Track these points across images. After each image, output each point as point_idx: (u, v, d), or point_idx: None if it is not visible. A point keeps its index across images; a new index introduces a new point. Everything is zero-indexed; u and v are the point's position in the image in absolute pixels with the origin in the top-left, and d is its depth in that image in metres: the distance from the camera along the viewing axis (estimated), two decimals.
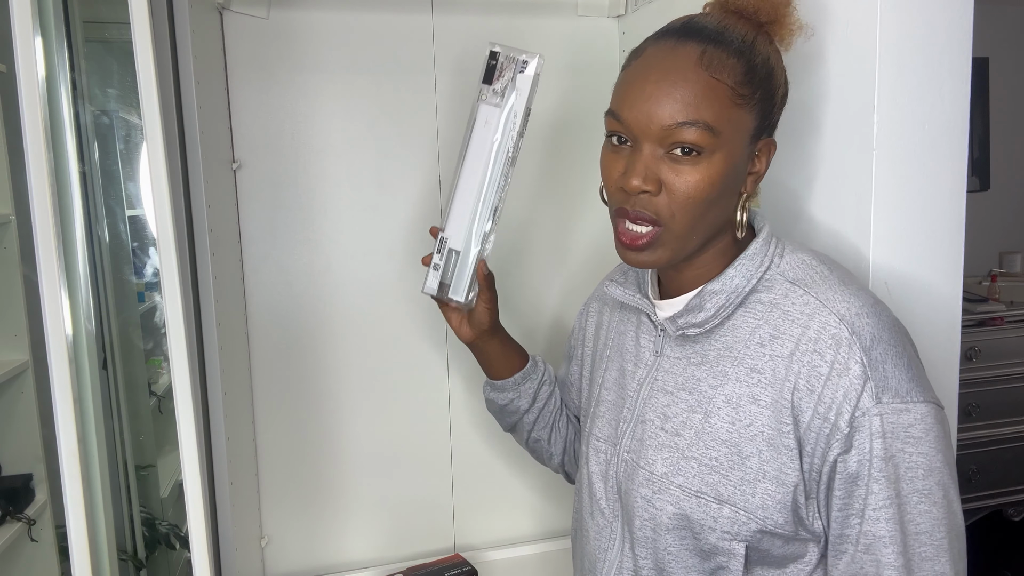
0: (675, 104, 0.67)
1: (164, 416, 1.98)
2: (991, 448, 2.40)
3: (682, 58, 0.68)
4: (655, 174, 0.70)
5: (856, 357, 0.66)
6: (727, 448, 0.71)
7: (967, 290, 2.52)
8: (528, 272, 1.44)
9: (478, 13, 1.35)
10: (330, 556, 1.41)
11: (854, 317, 0.67)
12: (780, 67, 0.74)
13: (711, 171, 0.69)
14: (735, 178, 0.72)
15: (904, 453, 0.65)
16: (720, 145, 0.69)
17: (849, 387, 0.66)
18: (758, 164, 0.74)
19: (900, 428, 0.65)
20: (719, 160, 0.69)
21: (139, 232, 1.90)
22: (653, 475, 0.75)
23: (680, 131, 0.68)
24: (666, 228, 0.71)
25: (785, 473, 0.69)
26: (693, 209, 0.70)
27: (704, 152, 0.68)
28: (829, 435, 0.67)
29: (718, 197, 0.70)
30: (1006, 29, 2.84)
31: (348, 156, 1.33)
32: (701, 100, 0.67)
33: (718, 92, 0.68)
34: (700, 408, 0.74)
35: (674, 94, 0.68)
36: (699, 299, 0.75)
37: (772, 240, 0.76)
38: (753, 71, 0.70)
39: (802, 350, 0.68)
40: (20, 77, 0.84)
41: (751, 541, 0.71)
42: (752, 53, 0.70)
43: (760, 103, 0.71)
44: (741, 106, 0.69)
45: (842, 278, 0.72)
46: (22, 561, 1.61)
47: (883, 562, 0.65)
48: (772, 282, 0.74)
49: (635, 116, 0.69)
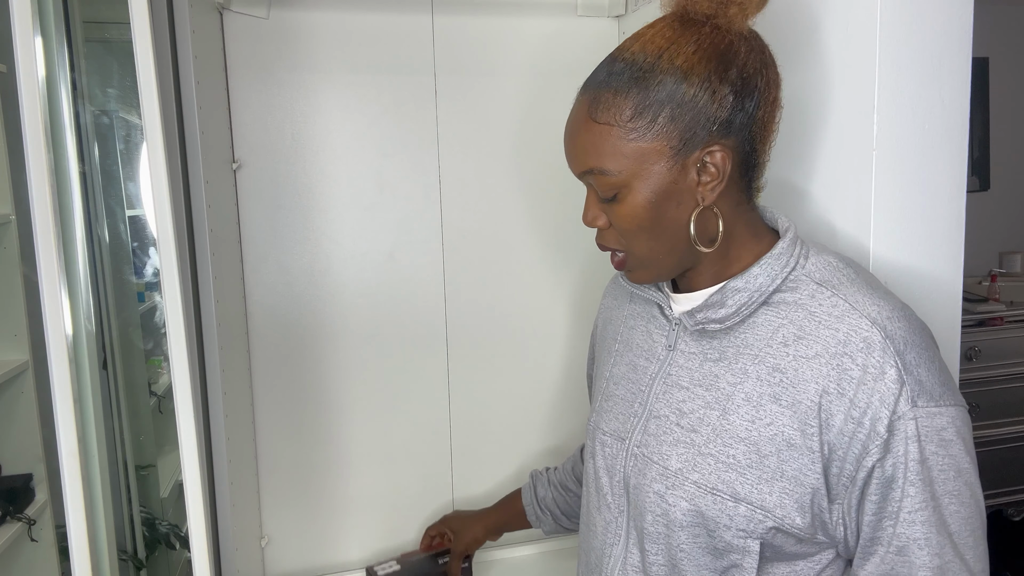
0: (575, 155, 0.75)
1: (164, 416, 1.98)
2: (991, 448, 2.40)
3: (577, 112, 0.75)
4: (598, 212, 0.77)
5: (891, 361, 0.66)
6: (745, 446, 0.71)
7: (967, 290, 2.52)
8: (529, 274, 1.44)
9: (478, 13, 1.35)
10: (330, 556, 1.41)
11: (886, 320, 0.67)
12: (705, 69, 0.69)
13: (632, 203, 0.72)
14: (673, 197, 0.71)
15: (937, 456, 0.65)
16: (628, 179, 0.72)
17: (886, 391, 0.65)
18: (708, 173, 0.71)
19: (934, 431, 0.65)
20: (637, 191, 0.72)
21: (139, 232, 1.90)
22: (667, 470, 0.75)
23: (585, 179, 0.75)
24: (628, 254, 0.77)
25: (804, 474, 0.69)
26: (636, 237, 0.74)
27: (617, 190, 0.73)
28: (866, 440, 0.66)
29: (656, 221, 0.73)
30: (1006, 29, 2.84)
31: (348, 156, 1.33)
32: (590, 149, 0.73)
33: (606, 135, 0.72)
34: (718, 405, 0.74)
35: (573, 146, 0.75)
36: (720, 295, 0.75)
37: (798, 241, 0.76)
38: (647, 99, 0.69)
39: (831, 352, 0.68)
40: (20, 77, 0.84)
41: (766, 539, 0.71)
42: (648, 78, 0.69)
43: (670, 122, 0.69)
44: (637, 139, 0.70)
45: (868, 281, 0.72)
46: (22, 561, 1.61)
47: (916, 563, 0.66)
48: (798, 282, 0.73)
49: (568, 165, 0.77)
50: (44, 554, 1.64)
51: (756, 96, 0.71)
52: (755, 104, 0.71)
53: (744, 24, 0.71)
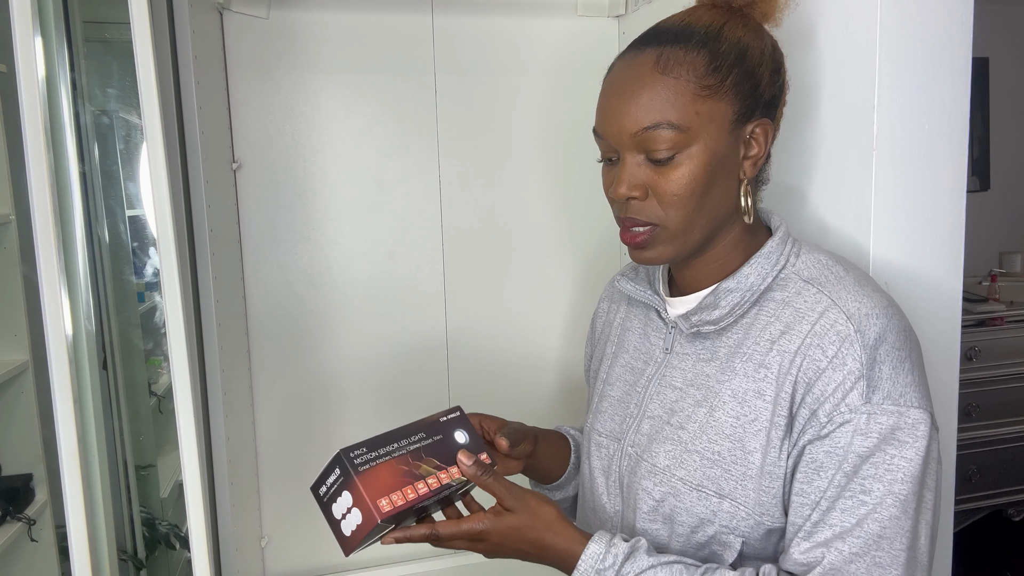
0: (638, 111, 0.71)
1: (164, 416, 1.97)
2: (991, 448, 2.40)
3: (639, 66, 0.72)
4: (639, 180, 0.72)
5: (855, 354, 0.66)
6: (730, 443, 0.71)
7: (967, 290, 2.52)
8: (529, 273, 1.44)
9: (478, 13, 1.35)
10: (330, 556, 1.41)
11: (863, 316, 0.68)
12: (758, 46, 0.73)
13: (691, 166, 0.71)
14: (724, 166, 0.72)
15: (886, 455, 0.64)
16: (693, 139, 0.70)
17: (841, 382, 0.66)
18: (754, 147, 0.74)
19: (887, 430, 0.65)
20: (698, 153, 0.70)
21: (139, 232, 1.90)
22: (655, 467, 0.76)
23: (648, 135, 0.70)
24: (662, 227, 0.73)
25: (777, 466, 0.69)
26: (683, 205, 0.72)
27: (679, 150, 0.70)
28: (806, 422, 0.67)
29: (707, 189, 0.72)
30: (1006, 29, 2.84)
31: (348, 156, 1.33)
32: (662, 102, 0.70)
33: (678, 90, 0.70)
34: (706, 403, 0.74)
35: (636, 101, 0.71)
36: (714, 297, 0.76)
37: (788, 239, 0.77)
38: (719, 58, 0.71)
39: (807, 344, 0.69)
40: (20, 77, 0.85)
41: (749, 535, 0.71)
42: (717, 41, 0.71)
43: (735, 86, 0.71)
44: (709, 96, 0.70)
45: (858, 279, 0.73)
46: (22, 561, 1.61)
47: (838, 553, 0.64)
48: (787, 281, 0.74)
49: (609, 129, 0.73)
50: (44, 554, 1.64)
51: (782, 82, 0.76)
52: (781, 89, 0.76)
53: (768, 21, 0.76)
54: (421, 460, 0.74)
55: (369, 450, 0.73)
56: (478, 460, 0.76)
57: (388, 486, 0.71)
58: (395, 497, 0.71)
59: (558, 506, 0.74)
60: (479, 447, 0.79)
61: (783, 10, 0.76)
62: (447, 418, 0.80)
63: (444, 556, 1.44)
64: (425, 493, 0.72)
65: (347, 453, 0.72)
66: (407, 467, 0.73)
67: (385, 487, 0.71)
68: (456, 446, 0.78)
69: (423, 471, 0.74)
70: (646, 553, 0.70)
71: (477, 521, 0.73)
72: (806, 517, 0.67)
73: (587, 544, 0.71)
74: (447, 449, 0.77)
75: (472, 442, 0.79)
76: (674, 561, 0.70)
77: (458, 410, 0.81)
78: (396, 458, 0.74)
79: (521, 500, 0.73)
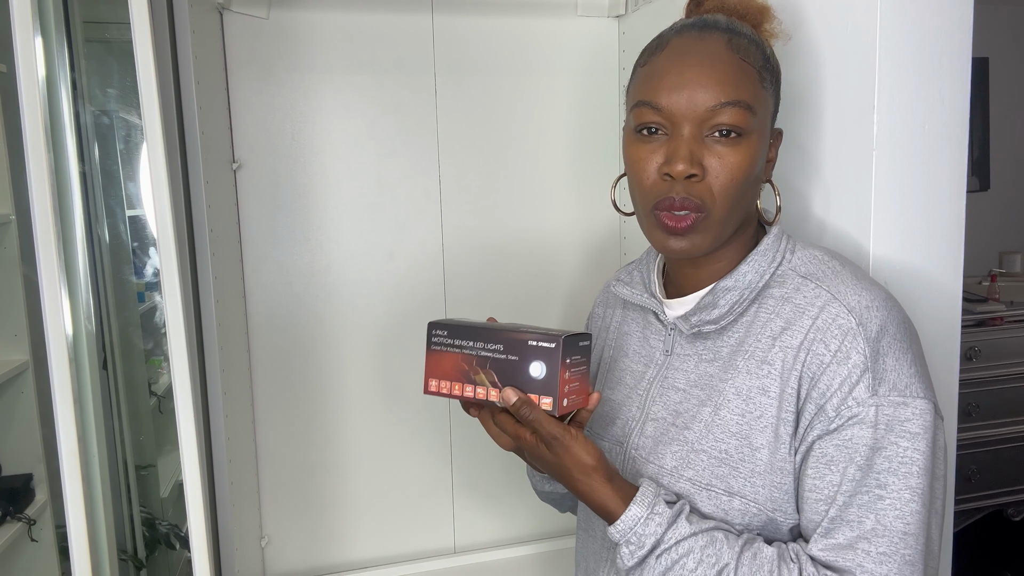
0: (717, 86, 0.69)
1: (164, 416, 1.97)
2: (991, 448, 2.40)
3: (712, 44, 0.71)
4: (699, 158, 0.70)
5: (859, 348, 0.66)
6: (737, 440, 0.71)
7: (967, 290, 2.52)
8: (530, 273, 1.44)
9: (478, 13, 1.35)
10: (330, 556, 1.41)
11: (863, 309, 0.68)
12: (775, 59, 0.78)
13: (750, 151, 0.71)
14: (761, 161, 0.74)
15: (898, 447, 0.65)
16: (756, 126, 0.71)
17: (846, 376, 0.66)
18: (772, 150, 0.77)
19: (896, 422, 0.65)
20: (755, 141, 0.71)
21: (139, 232, 1.90)
22: (662, 469, 0.76)
23: (723, 112, 0.69)
24: (708, 214, 0.71)
25: (787, 462, 0.70)
26: (733, 192, 0.71)
27: (743, 133, 0.70)
28: (813, 417, 0.68)
29: (753, 181, 0.73)
30: (1006, 29, 2.84)
31: (348, 156, 1.33)
32: (739, 80, 0.70)
33: (749, 74, 0.71)
34: (711, 402, 0.74)
35: (714, 76, 0.69)
36: (712, 296, 0.76)
37: (783, 236, 0.77)
38: (767, 58, 0.74)
39: (810, 339, 0.69)
40: (20, 77, 0.84)
41: (761, 531, 0.71)
42: (762, 42, 0.75)
43: (774, 86, 0.75)
44: (766, 88, 0.73)
45: (855, 273, 0.73)
46: (22, 561, 1.61)
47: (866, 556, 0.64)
48: (784, 277, 0.74)
49: (675, 101, 0.70)
50: (44, 554, 1.64)
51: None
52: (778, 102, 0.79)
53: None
54: (483, 369, 0.74)
55: (449, 335, 0.77)
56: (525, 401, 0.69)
57: (444, 373, 0.76)
58: (443, 385, 0.76)
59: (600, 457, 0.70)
60: (551, 389, 0.70)
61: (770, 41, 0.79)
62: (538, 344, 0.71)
63: (444, 556, 1.44)
64: (468, 397, 0.74)
65: (432, 329, 0.78)
66: (467, 368, 0.75)
67: (441, 372, 0.77)
68: (526, 376, 0.71)
69: (478, 379, 0.74)
70: (687, 520, 0.68)
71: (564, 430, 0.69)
72: (823, 513, 0.67)
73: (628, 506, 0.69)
74: (515, 373, 0.72)
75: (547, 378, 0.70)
76: (714, 528, 0.69)
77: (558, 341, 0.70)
78: (463, 355, 0.76)
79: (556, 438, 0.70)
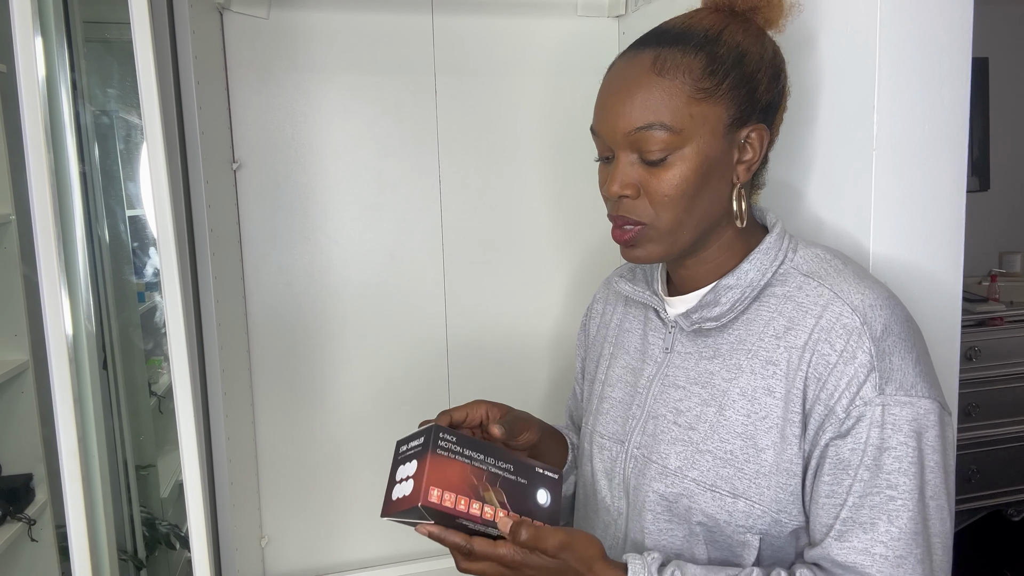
0: (632, 111, 0.71)
1: (164, 416, 1.97)
2: (991, 448, 2.40)
3: (636, 67, 0.72)
4: (631, 179, 0.73)
5: (865, 347, 0.66)
6: (742, 441, 0.71)
7: (967, 290, 2.52)
8: (529, 273, 1.44)
9: (478, 13, 1.35)
10: (330, 556, 1.41)
11: (867, 308, 0.68)
12: (757, 51, 0.73)
13: (683, 167, 0.71)
14: (717, 169, 0.73)
15: (907, 447, 0.65)
16: (685, 141, 0.71)
17: (853, 375, 0.66)
18: (749, 152, 0.74)
19: (904, 421, 0.65)
20: (690, 155, 0.71)
21: (139, 232, 1.90)
22: (667, 469, 0.75)
23: (641, 135, 0.71)
24: (651, 226, 0.74)
25: (795, 463, 0.70)
26: (673, 206, 0.72)
27: (671, 151, 0.71)
28: (824, 419, 0.67)
29: (698, 191, 0.72)
30: (1006, 29, 2.84)
31: (348, 156, 1.33)
32: (656, 102, 0.70)
33: (673, 92, 0.70)
34: (714, 401, 0.74)
35: (630, 101, 0.71)
36: (713, 294, 0.76)
37: (785, 235, 0.77)
38: (716, 61, 0.71)
39: (815, 339, 0.69)
40: (20, 77, 0.85)
41: (766, 533, 0.71)
42: (716, 44, 0.72)
43: (732, 91, 0.72)
44: (704, 100, 0.71)
45: (857, 272, 0.73)
46: (22, 561, 1.61)
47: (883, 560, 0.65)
48: (787, 276, 0.74)
49: (603, 128, 0.74)
50: (44, 554, 1.64)
51: (782, 88, 0.77)
52: (780, 95, 0.76)
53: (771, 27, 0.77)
54: (492, 487, 0.71)
55: (459, 444, 0.71)
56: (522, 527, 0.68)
57: (449, 483, 0.69)
58: (447, 496, 0.68)
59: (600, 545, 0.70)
60: (555, 518, 0.73)
61: (786, 18, 0.77)
62: (544, 472, 0.75)
63: (444, 556, 1.44)
64: (474, 515, 0.68)
65: (440, 432, 0.71)
66: (476, 482, 0.70)
67: (446, 482, 0.69)
68: (532, 502, 0.73)
69: (487, 497, 0.70)
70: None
71: (514, 551, 0.68)
72: (835, 516, 0.67)
73: None
74: (522, 496, 0.73)
75: (550, 507, 0.73)
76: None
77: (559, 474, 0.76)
78: (473, 468, 0.71)
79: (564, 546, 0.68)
